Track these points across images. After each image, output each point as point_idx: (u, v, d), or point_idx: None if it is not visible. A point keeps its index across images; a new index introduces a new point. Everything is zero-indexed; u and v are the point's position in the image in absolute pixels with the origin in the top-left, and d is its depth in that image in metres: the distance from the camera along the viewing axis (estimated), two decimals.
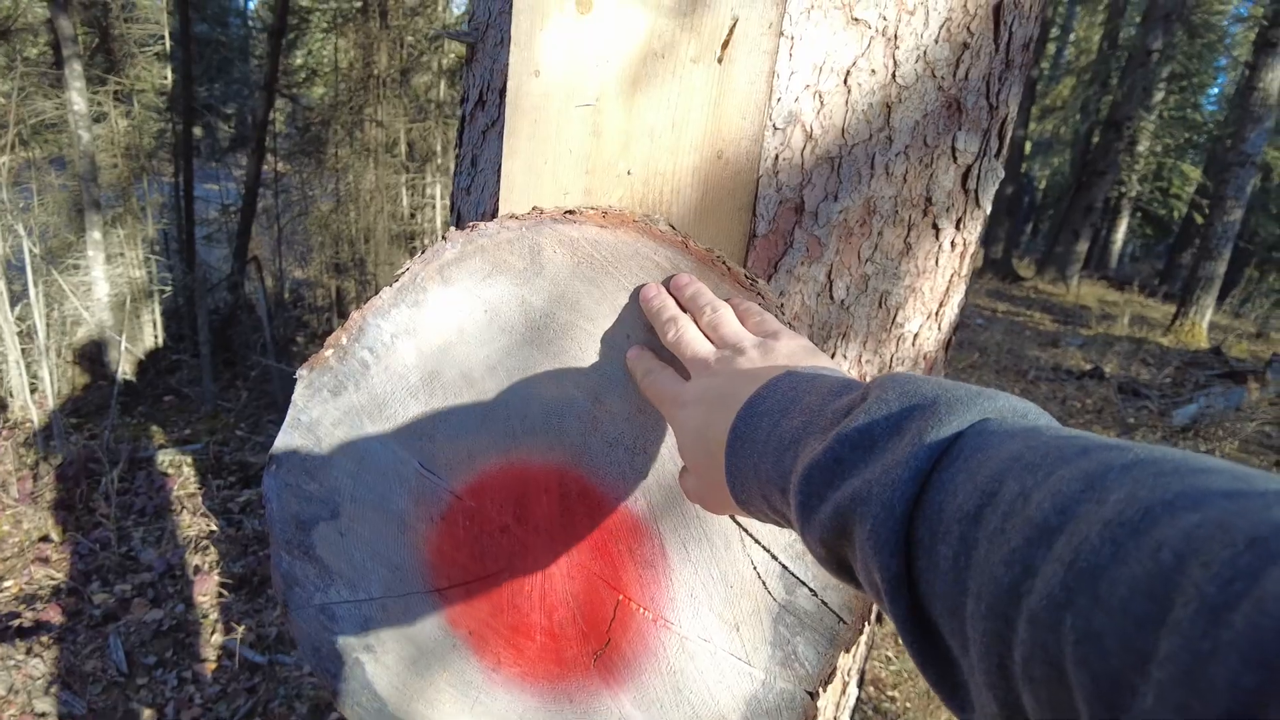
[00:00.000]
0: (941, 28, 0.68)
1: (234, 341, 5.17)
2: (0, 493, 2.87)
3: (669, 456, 0.56)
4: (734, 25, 0.59)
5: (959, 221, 0.76)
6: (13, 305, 3.97)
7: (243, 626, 2.42)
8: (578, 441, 0.57)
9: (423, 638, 0.65)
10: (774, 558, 0.55)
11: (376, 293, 0.61)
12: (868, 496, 0.33)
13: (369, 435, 0.63)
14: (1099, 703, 0.21)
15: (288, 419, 0.65)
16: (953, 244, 0.77)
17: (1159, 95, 16.05)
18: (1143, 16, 11.41)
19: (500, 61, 0.75)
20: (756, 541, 0.55)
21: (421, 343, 0.59)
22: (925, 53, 0.68)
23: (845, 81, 0.67)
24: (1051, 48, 19.80)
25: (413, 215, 5.53)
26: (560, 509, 0.59)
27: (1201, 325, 9.23)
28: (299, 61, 8.29)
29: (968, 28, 0.69)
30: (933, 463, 0.32)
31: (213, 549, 2.79)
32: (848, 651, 0.57)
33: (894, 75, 0.67)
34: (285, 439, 0.65)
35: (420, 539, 0.63)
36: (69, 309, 4.61)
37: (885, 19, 0.66)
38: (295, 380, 0.65)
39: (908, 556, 0.31)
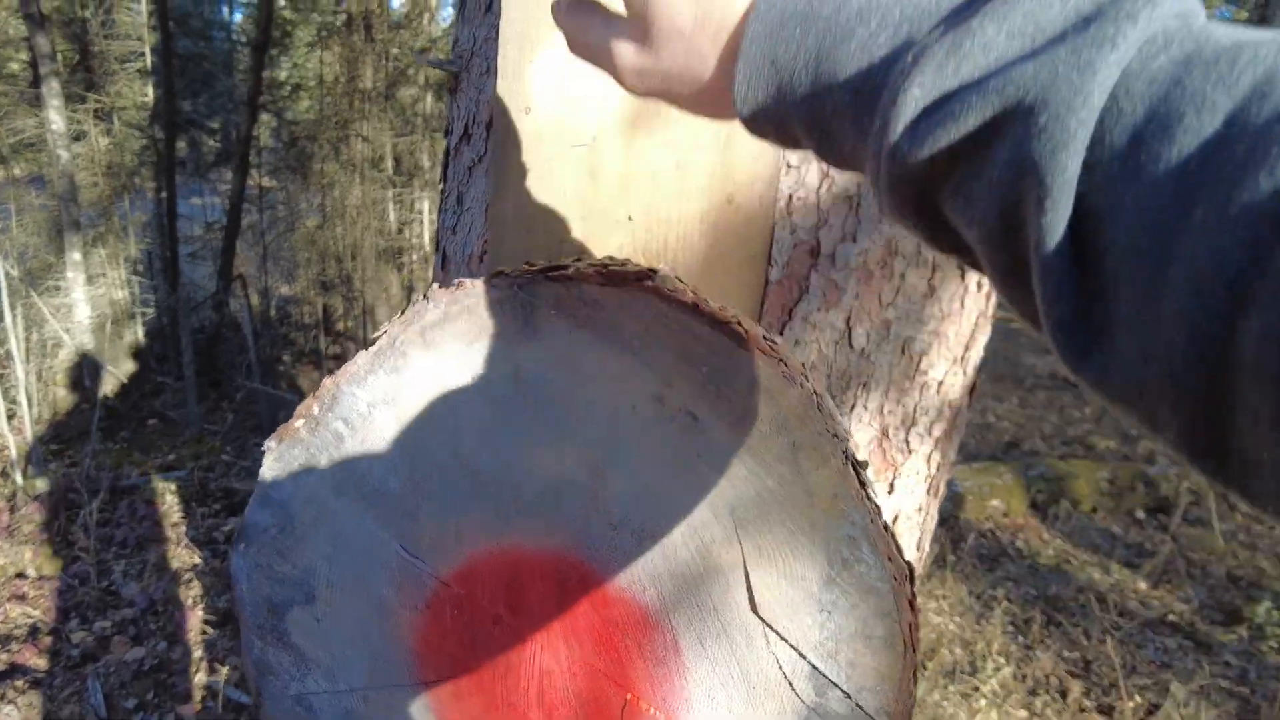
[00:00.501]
0: None
1: (219, 362, 5.08)
2: None
3: (682, 542, 0.50)
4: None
5: None
6: None
7: (227, 666, 2.34)
8: (578, 523, 0.51)
9: None
10: (802, 656, 0.49)
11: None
12: (1050, 82, 0.25)
13: (346, 514, 0.56)
14: None
15: (256, 494, 0.59)
16: (979, 284, 0.71)
17: None
18: None
19: (486, 93, 0.69)
20: (783, 639, 0.49)
21: (402, 413, 0.53)
22: None
23: None
24: None
25: (400, 230, 5.46)
26: (559, 598, 0.53)
27: None
28: (283, 75, 8.22)
29: None
30: (1136, 49, 0.25)
31: (196, 582, 2.71)
32: None
33: None
34: (254, 515, 0.59)
35: (404, 627, 0.57)
36: (49, 331, 4.52)
37: None
38: (273, 432, 0.59)
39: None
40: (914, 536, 0.79)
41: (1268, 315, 0.20)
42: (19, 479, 3.19)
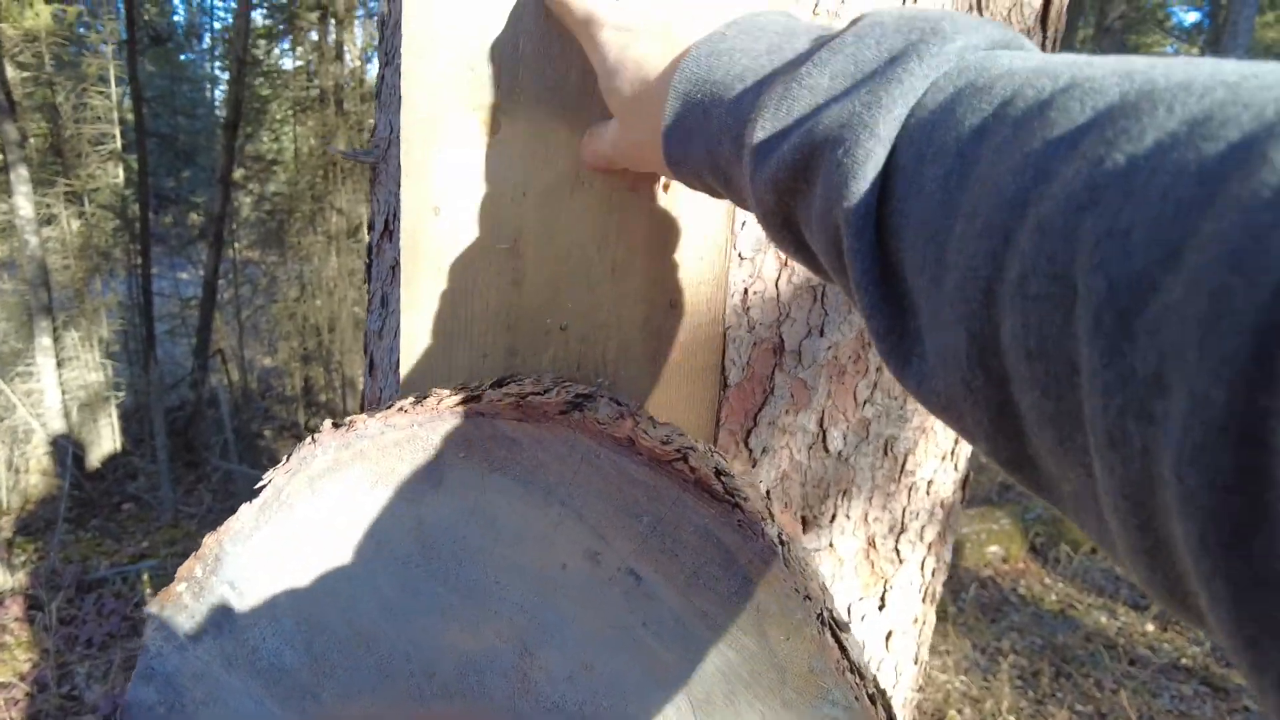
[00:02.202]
0: None
1: (196, 442, 4.95)
2: None
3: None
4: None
5: None
6: None
7: None
8: (504, 706, 0.42)
9: None
10: None
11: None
12: (846, 120, 0.28)
13: (240, 692, 0.47)
14: (1109, 310, 0.18)
15: (139, 668, 0.50)
16: None
17: None
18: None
19: None
20: None
21: (293, 576, 0.44)
22: None
23: None
24: None
25: None
26: None
27: None
28: (263, 145, 8.25)
29: None
30: (928, 83, 0.27)
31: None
32: None
33: None
34: (137, 693, 0.50)
35: None
36: (19, 418, 4.40)
37: None
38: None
39: (883, 189, 0.27)
40: (910, 651, 0.70)
41: (1013, 318, 0.21)
42: None
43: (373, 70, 6.42)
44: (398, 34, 0.57)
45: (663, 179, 0.47)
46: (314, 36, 5.80)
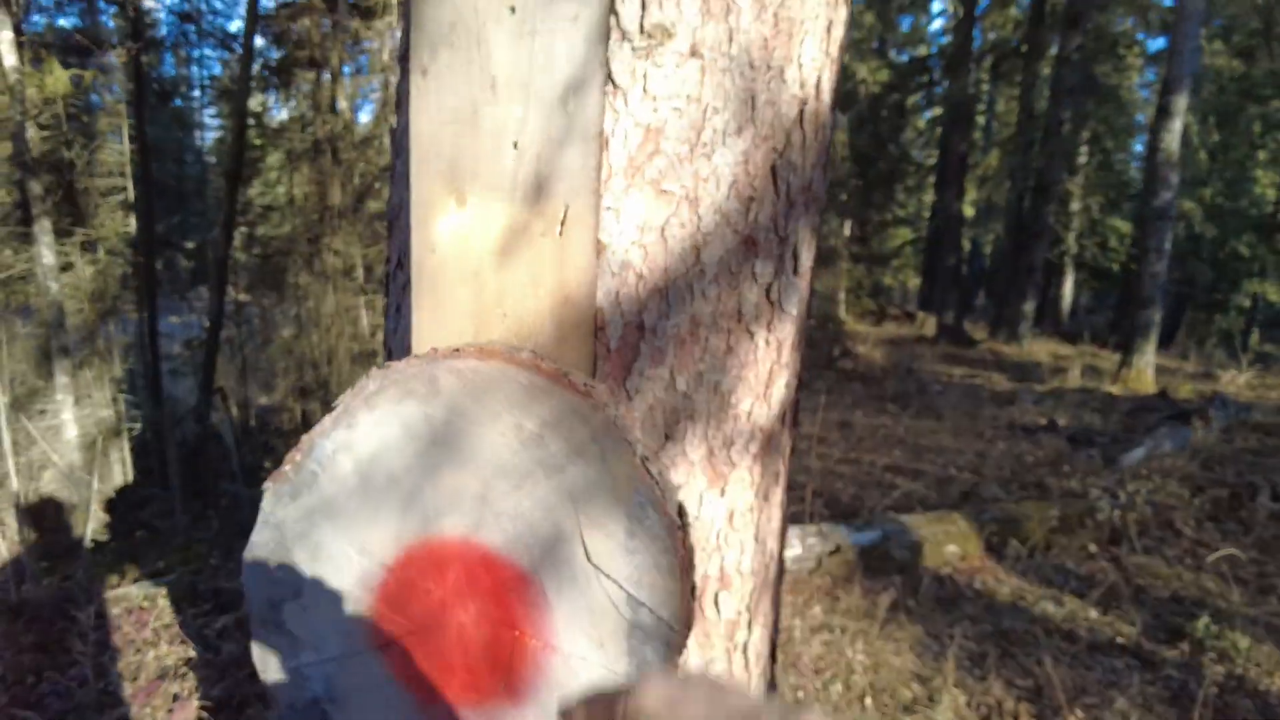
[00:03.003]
0: (730, 188, 0.92)
1: (203, 471, 5.26)
2: None
3: (541, 519, 0.76)
4: (567, 209, 0.82)
5: (769, 324, 0.99)
6: None
7: None
8: (474, 517, 0.77)
9: (372, 685, 0.83)
10: (620, 587, 0.74)
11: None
12: None
13: (320, 528, 0.82)
14: None
15: (259, 520, 0.84)
16: (767, 342, 1.00)
17: (1083, 158, 17.10)
18: (1051, 90, 12.35)
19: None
20: (608, 576, 0.74)
21: (356, 454, 0.79)
22: (720, 207, 0.92)
23: (662, 234, 0.91)
24: (982, 119, 21.10)
25: (373, 334, 5.75)
26: (466, 571, 0.78)
27: (1147, 371, 9.65)
28: (256, 190, 8.65)
29: (751, 185, 0.94)
30: None
31: (191, 675, 2.86)
32: (680, 652, 0.76)
33: (699, 226, 0.92)
34: (258, 536, 0.84)
35: (364, 607, 0.82)
36: (36, 453, 4.70)
37: (685, 188, 0.90)
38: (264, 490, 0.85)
39: None
40: (751, 530, 1.05)
41: None
42: (14, 595, 3.34)
43: (362, 118, 6.83)
44: (406, 138, 0.93)
45: (559, 229, 0.83)
46: (306, 88, 6.22)
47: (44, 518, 4.30)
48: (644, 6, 0.84)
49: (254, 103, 7.31)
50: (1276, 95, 15.64)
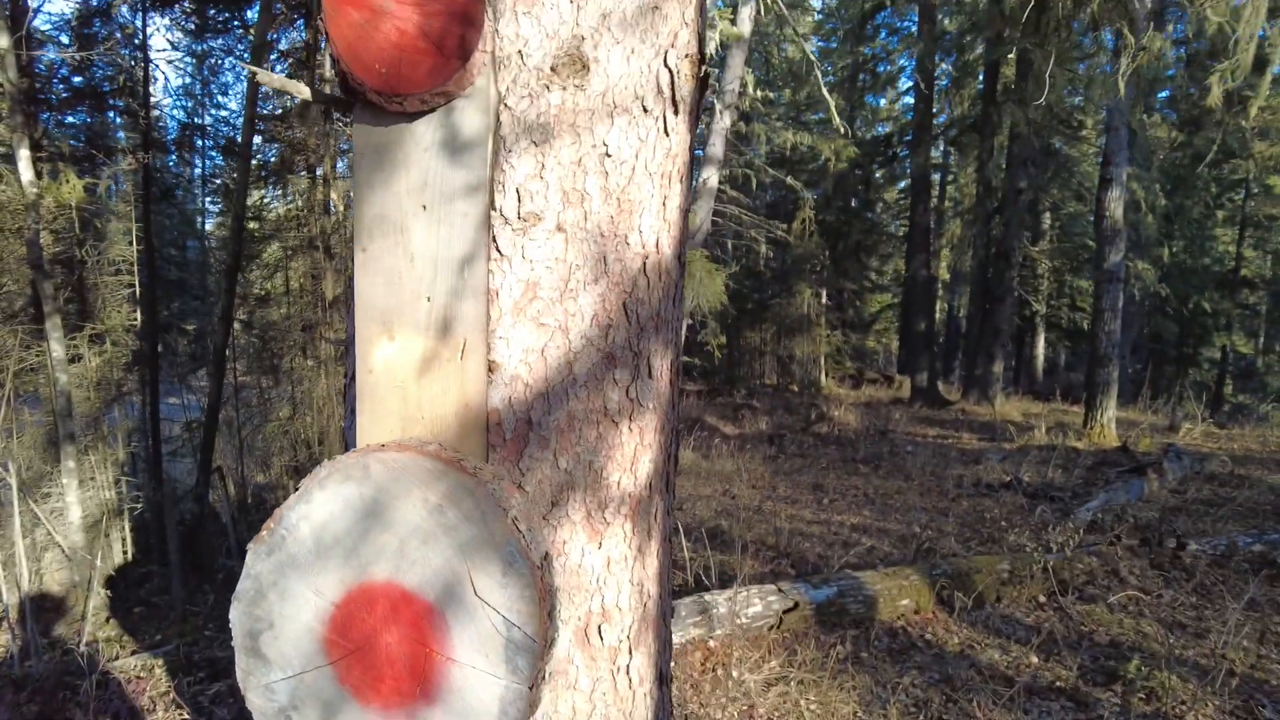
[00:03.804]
0: (592, 320, 1.27)
1: (201, 548, 5.49)
2: None
3: (442, 565, 1.07)
4: (465, 341, 1.16)
5: (630, 416, 1.32)
6: None
7: None
8: (395, 565, 1.08)
9: (325, 694, 1.13)
10: (499, 613, 1.05)
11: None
12: None
13: (287, 577, 1.13)
14: None
15: (243, 573, 1.15)
16: (630, 429, 1.33)
17: (1046, 222, 17.75)
18: (1006, 161, 13.01)
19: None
20: (490, 605, 1.05)
21: (312, 522, 1.11)
22: (585, 333, 1.26)
23: (542, 354, 1.24)
24: (951, 189, 21.92)
25: None
26: (391, 605, 1.09)
27: (1109, 426, 9.97)
28: (257, 275, 9.07)
29: (609, 317, 1.28)
30: None
31: None
32: (543, 660, 1.07)
33: (570, 347, 1.26)
34: (242, 585, 1.15)
35: (318, 635, 1.12)
36: (40, 535, 4.95)
37: (558, 321, 1.25)
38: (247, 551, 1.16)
39: None
40: (627, 575, 1.36)
41: None
42: (18, 669, 3.56)
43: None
44: (353, 295, 1.28)
45: (460, 355, 1.17)
46: (302, 187, 6.68)
47: (48, 596, 4.52)
48: (519, 200, 1.19)
49: (253, 198, 7.79)
50: (1226, 158, 16.41)
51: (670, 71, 1.27)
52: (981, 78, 14.12)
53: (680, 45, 1.28)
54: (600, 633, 1.33)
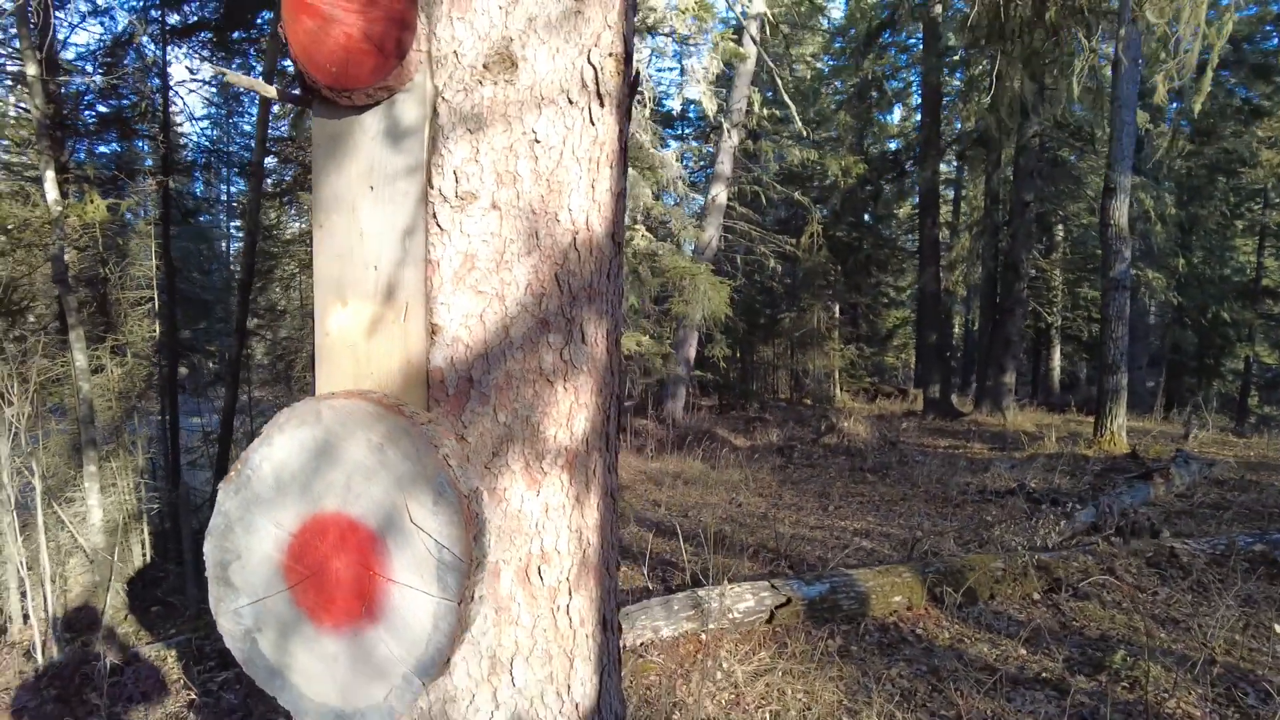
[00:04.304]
0: (526, 289, 1.42)
1: None
2: (4, 694, 3.33)
3: (381, 494, 1.22)
4: (408, 305, 1.32)
5: (565, 376, 1.47)
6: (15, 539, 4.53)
7: None
8: (342, 499, 1.23)
9: (283, 616, 1.28)
10: (431, 537, 1.20)
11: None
12: None
13: (252, 512, 1.29)
14: None
15: (214, 511, 1.31)
16: (564, 389, 1.47)
17: (1060, 234, 17.71)
18: (1014, 174, 13.08)
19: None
20: (424, 531, 1.20)
21: (273, 462, 1.27)
22: (520, 300, 1.42)
23: (481, 319, 1.40)
24: (964, 204, 21.94)
25: None
26: (339, 534, 1.24)
27: (1120, 434, 9.94)
28: (276, 294, 9.36)
29: (542, 286, 1.43)
30: None
31: (193, 717, 3.23)
32: (470, 579, 1.21)
33: (506, 313, 1.41)
34: (213, 521, 1.31)
35: (277, 563, 1.27)
36: (63, 537, 5.17)
37: (495, 289, 1.40)
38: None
39: None
40: (565, 521, 1.50)
41: None
42: (40, 660, 3.74)
43: None
44: (315, 272, 1.44)
45: (404, 317, 1.33)
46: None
47: (69, 595, 4.72)
48: (457, 180, 1.35)
49: (269, 218, 8.08)
50: (1244, 166, 16.33)
51: (594, 68, 1.43)
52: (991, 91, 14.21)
53: (604, 45, 1.44)
54: (540, 573, 1.47)
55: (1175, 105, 16.30)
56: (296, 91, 1.35)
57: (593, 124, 1.45)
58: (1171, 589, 4.94)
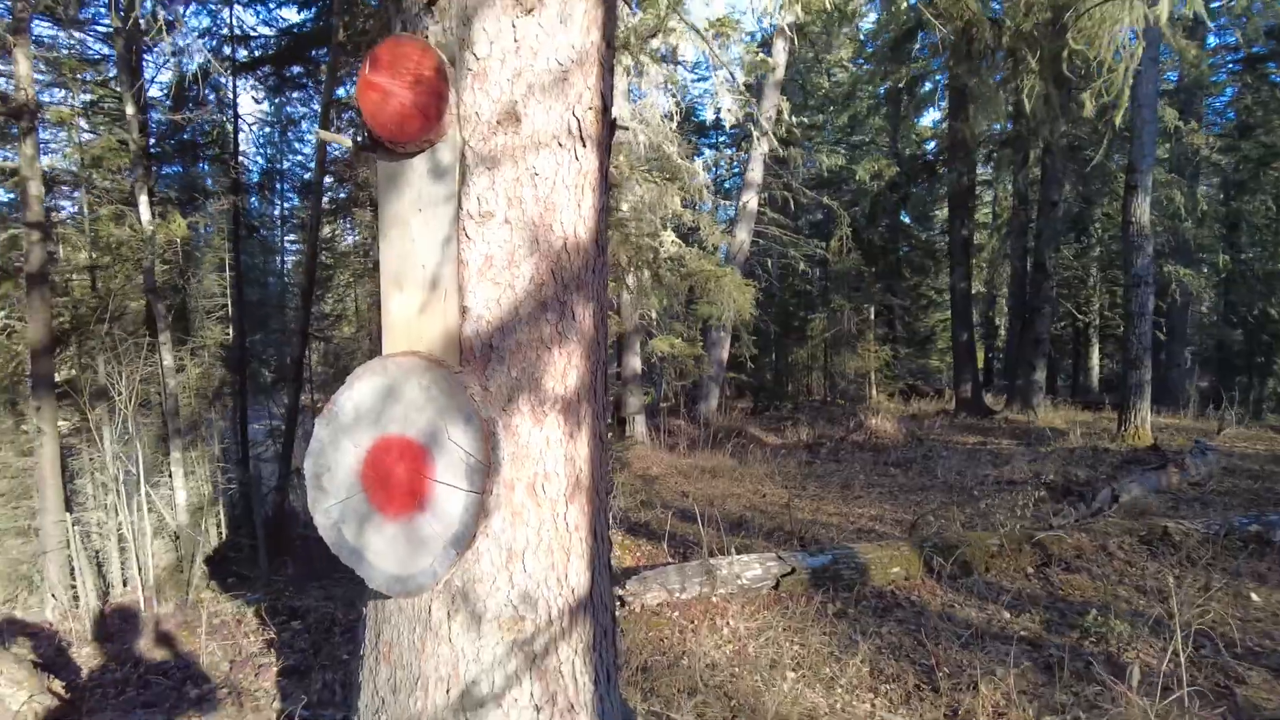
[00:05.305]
0: (530, 280, 1.95)
1: (283, 531, 6.36)
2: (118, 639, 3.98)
3: (428, 422, 1.75)
4: (446, 293, 1.86)
5: (559, 344, 2.00)
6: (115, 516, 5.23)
7: (290, 697, 3.42)
8: (401, 425, 1.77)
9: (361, 510, 1.82)
10: (461, 448, 1.72)
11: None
12: None
13: (338, 437, 1.84)
14: None
15: (313, 437, 1.87)
16: (559, 353, 2.00)
17: (1096, 234, 17.74)
18: (1041, 174, 13.28)
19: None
20: (457, 445, 1.73)
21: (354, 400, 1.82)
22: (525, 289, 1.95)
23: (498, 302, 1.93)
24: (996, 207, 21.97)
25: None
26: (400, 450, 1.78)
27: (1144, 427, 10.12)
28: (328, 308, 10.11)
29: (542, 278, 1.96)
30: None
31: (271, 655, 3.81)
32: (489, 478, 1.74)
33: (515, 298, 1.94)
34: (311, 445, 1.87)
35: (356, 473, 1.82)
36: (151, 518, 5.87)
37: (508, 280, 1.94)
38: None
39: None
40: (561, 450, 2.02)
41: None
42: (143, 611, 4.40)
43: None
44: (381, 269, 2.00)
45: (445, 305, 1.87)
46: (366, 220, 7.60)
47: (160, 564, 5.40)
48: (479, 203, 1.89)
49: (326, 231, 8.80)
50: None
51: (578, 119, 1.96)
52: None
53: (585, 101, 1.97)
54: (544, 488, 1.99)
55: (1217, 100, 16.23)
56: (367, 142, 1.91)
57: (578, 160, 1.98)
58: (1161, 564, 5.26)
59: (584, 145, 1.99)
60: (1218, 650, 3.84)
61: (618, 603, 4.51)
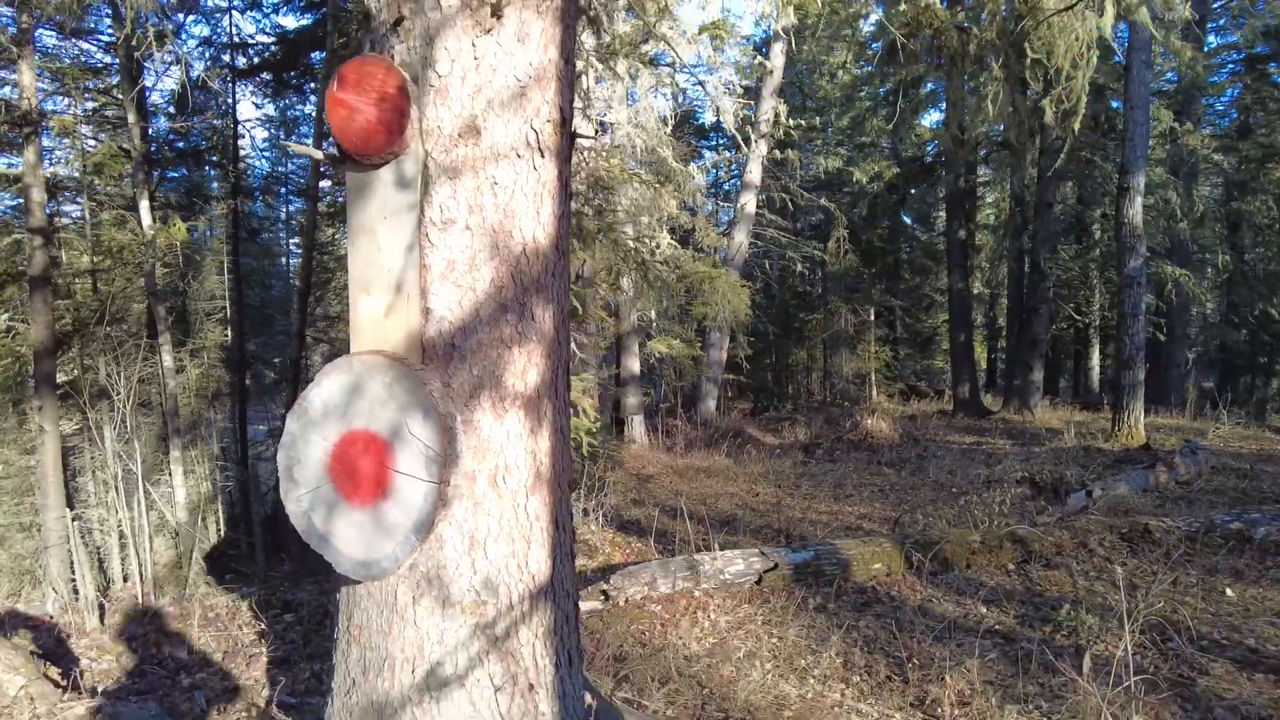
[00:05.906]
0: (491, 282, 2.07)
1: (280, 529, 6.49)
2: (116, 630, 4.12)
3: (392, 417, 1.86)
4: (409, 295, 1.98)
5: (519, 343, 2.11)
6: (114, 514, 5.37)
7: (279, 685, 3.55)
8: (366, 420, 1.89)
9: (329, 499, 1.94)
10: (421, 441, 1.84)
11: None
12: None
13: (308, 430, 1.96)
14: None
15: (284, 431, 1.99)
16: (519, 352, 2.12)
17: (1096, 235, 17.79)
18: (1038, 176, 13.35)
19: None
20: (417, 438, 1.84)
21: (323, 396, 1.94)
22: (486, 291, 2.07)
23: (459, 304, 2.05)
24: (1005, 207, 21.99)
25: None
26: (365, 444, 1.90)
27: (1137, 427, 10.18)
28: (334, 310, 10.26)
29: (501, 281, 2.08)
30: None
31: (262, 646, 3.94)
32: (446, 468, 1.85)
33: (477, 299, 2.06)
34: (283, 439, 1.99)
35: (324, 464, 1.94)
36: (151, 515, 6.01)
37: (469, 283, 2.05)
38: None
39: None
40: (521, 444, 2.14)
41: None
42: (141, 602, 4.54)
43: None
44: (349, 274, 2.12)
45: (408, 307, 1.98)
46: None
47: (157, 564, 5.54)
48: (441, 211, 2.01)
49: (324, 234, 8.94)
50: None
51: (536, 132, 2.08)
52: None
53: (543, 115, 2.09)
54: (505, 480, 2.11)
55: (1217, 100, 16.26)
56: (336, 153, 2.03)
57: (536, 170, 2.10)
58: (1140, 560, 5.34)
59: (542, 156, 2.10)
60: (1185, 643, 3.92)
61: (602, 596, 4.62)
